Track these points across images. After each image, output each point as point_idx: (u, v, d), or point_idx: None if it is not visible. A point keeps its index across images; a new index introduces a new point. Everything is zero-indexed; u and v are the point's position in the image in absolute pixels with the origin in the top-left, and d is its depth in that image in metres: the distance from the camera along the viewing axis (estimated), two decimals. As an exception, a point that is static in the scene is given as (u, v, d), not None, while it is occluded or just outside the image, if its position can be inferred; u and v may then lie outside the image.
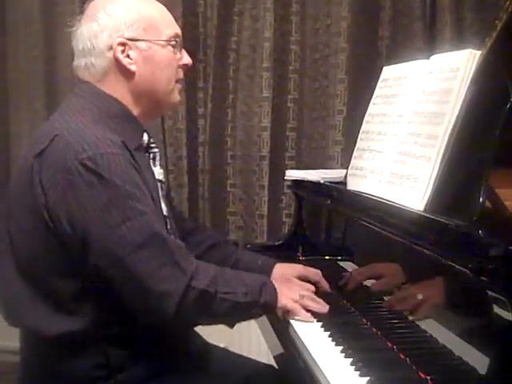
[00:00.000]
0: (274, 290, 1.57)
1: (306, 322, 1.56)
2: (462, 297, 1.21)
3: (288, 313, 1.58)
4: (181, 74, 1.64)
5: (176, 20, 1.65)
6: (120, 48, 1.52)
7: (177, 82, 1.62)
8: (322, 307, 1.60)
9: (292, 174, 2.21)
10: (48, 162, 1.40)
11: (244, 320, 1.59)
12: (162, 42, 1.56)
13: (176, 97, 1.63)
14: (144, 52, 1.54)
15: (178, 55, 1.61)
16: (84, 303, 1.44)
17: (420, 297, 1.39)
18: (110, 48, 1.52)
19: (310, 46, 2.80)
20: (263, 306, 1.54)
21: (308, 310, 1.58)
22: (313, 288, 1.68)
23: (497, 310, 1.06)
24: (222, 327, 1.55)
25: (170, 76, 1.59)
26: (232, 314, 1.52)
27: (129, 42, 1.52)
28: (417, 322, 1.40)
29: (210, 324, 1.56)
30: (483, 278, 1.09)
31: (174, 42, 1.58)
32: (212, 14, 2.83)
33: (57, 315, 1.45)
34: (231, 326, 1.57)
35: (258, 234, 2.81)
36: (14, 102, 3.03)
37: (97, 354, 1.47)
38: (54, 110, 2.79)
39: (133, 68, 1.53)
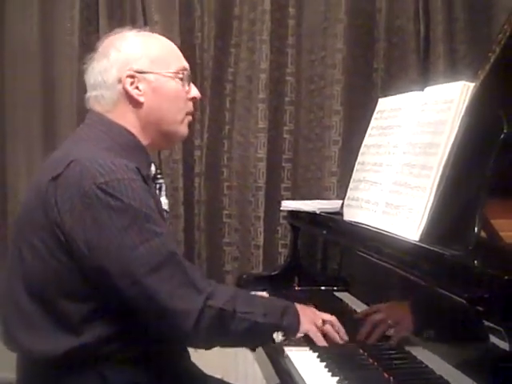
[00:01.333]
0: (297, 314, 1.57)
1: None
2: (459, 327, 1.21)
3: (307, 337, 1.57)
4: (191, 107, 1.66)
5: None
6: (129, 80, 1.55)
7: (187, 114, 1.64)
8: (343, 336, 1.60)
9: (288, 205, 2.22)
10: (64, 186, 1.42)
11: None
12: (170, 74, 1.59)
13: (185, 129, 1.65)
14: (152, 84, 1.57)
15: (187, 88, 1.63)
16: (90, 324, 1.45)
17: (416, 327, 1.39)
18: (120, 81, 1.56)
19: (306, 78, 2.84)
20: (285, 330, 1.55)
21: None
22: (334, 317, 1.64)
23: (493, 339, 1.06)
24: (218, 357, 1.54)
25: (178, 107, 1.62)
26: (252, 335, 1.53)
27: (137, 75, 1.56)
28: (413, 353, 1.40)
29: (230, 346, 1.59)
30: (479, 308, 1.09)
31: (181, 75, 1.61)
32: (209, 46, 2.86)
33: (62, 334, 1.45)
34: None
35: (253, 265, 2.80)
36: (10, 131, 3.03)
37: (96, 374, 1.46)
38: (51, 140, 2.88)
39: (141, 99, 1.57)
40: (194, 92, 1.66)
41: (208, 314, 1.42)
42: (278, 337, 1.57)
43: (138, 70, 1.56)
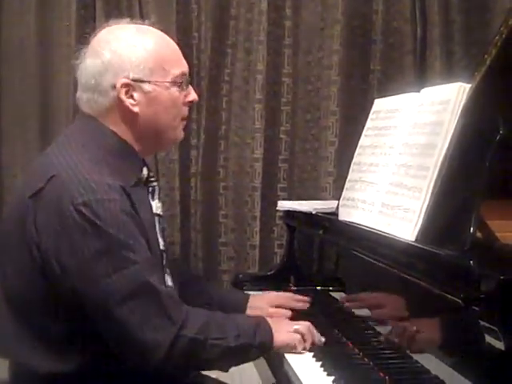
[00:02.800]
0: (269, 328, 1.54)
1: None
2: (454, 327, 1.22)
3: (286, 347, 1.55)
4: (185, 112, 1.61)
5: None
6: (124, 89, 1.49)
7: (182, 119, 1.60)
8: (319, 339, 1.58)
9: (284, 205, 2.22)
10: (43, 203, 1.39)
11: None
12: (167, 84, 1.52)
13: (180, 133, 1.61)
14: (148, 94, 1.51)
15: (185, 92, 1.57)
16: (74, 345, 1.43)
17: (412, 327, 1.39)
18: (114, 87, 1.49)
19: (302, 79, 2.84)
20: (259, 347, 1.51)
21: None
22: (308, 323, 1.62)
23: (489, 339, 1.06)
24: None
25: (173, 115, 1.56)
26: (224, 359, 1.50)
27: (133, 83, 1.49)
28: (408, 353, 1.40)
29: (205, 369, 1.58)
30: (475, 308, 1.10)
31: (180, 81, 1.55)
32: (206, 46, 2.86)
33: (48, 354, 1.44)
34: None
35: (249, 265, 2.80)
36: (7, 132, 3.03)
37: None
38: (48, 141, 2.86)
39: (135, 109, 1.51)
40: (192, 96, 1.60)
41: (180, 344, 1.40)
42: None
43: (135, 78, 1.49)
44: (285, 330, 1.56)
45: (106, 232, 1.36)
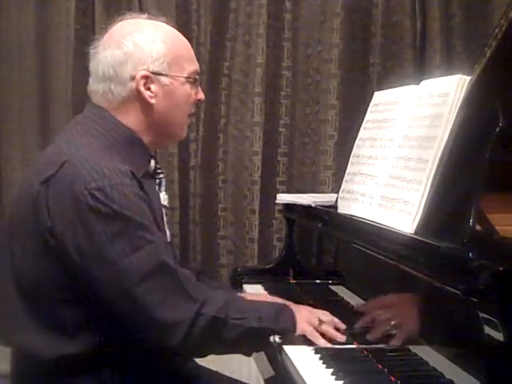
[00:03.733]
0: (292, 315, 1.53)
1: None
2: (453, 319, 1.22)
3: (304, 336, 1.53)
4: (193, 109, 1.64)
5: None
6: (143, 81, 1.51)
7: (188, 116, 1.63)
8: (341, 335, 1.54)
9: (283, 198, 2.22)
10: (56, 189, 1.39)
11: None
12: (183, 79, 1.56)
13: (185, 132, 1.64)
14: (166, 87, 1.53)
15: (195, 90, 1.60)
16: (84, 330, 1.43)
17: (410, 319, 1.39)
18: (133, 78, 1.51)
19: (302, 72, 2.84)
20: (281, 332, 1.50)
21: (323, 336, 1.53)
22: (331, 316, 1.59)
23: (488, 331, 1.06)
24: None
25: (184, 111, 1.60)
26: (247, 341, 1.49)
27: (152, 76, 1.51)
28: (407, 345, 1.40)
29: (224, 353, 1.54)
30: (474, 300, 1.09)
31: (194, 78, 1.58)
32: (205, 40, 2.86)
33: (55, 338, 1.43)
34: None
35: (248, 258, 2.81)
36: (5, 126, 3.02)
37: (91, 379, 1.45)
38: (47, 134, 2.87)
39: (152, 101, 1.53)
40: (200, 95, 1.63)
41: (200, 322, 1.40)
42: (274, 339, 1.52)
43: (154, 71, 1.51)
44: (307, 320, 1.54)
45: (121, 214, 1.37)
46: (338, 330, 1.55)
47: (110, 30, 1.57)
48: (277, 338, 1.51)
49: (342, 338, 1.53)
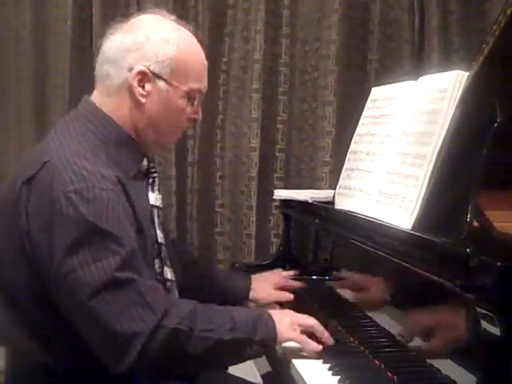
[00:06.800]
0: (272, 323, 1.44)
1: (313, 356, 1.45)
2: (450, 314, 1.22)
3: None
4: (186, 126, 1.61)
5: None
6: (138, 76, 1.48)
7: (179, 130, 1.61)
8: (327, 340, 1.49)
9: (280, 194, 2.22)
10: (35, 190, 1.38)
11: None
12: (181, 92, 1.51)
13: (170, 144, 1.67)
14: (160, 92, 1.50)
15: (193, 108, 1.56)
16: (62, 338, 1.40)
17: (408, 315, 1.39)
18: (130, 70, 1.48)
19: (300, 68, 2.83)
20: (260, 343, 1.42)
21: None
22: (314, 321, 1.52)
23: (485, 326, 1.06)
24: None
25: (175, 124, 1.56)
26: (217, 355, 1.40)
27: (150, 75, 1.48)
28: (404, 341, 1.41)
29: (193, 369, 1.47)
30: (471, 295, 1.10)
31: (194, 96, 1.54)
32: (203, 35, 2.84)
33: (36, 342, 1.42)
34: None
35: (245, 254, 2.80)
36: (1, 120, 3.02)
37: None
38: (43, 129, 2.86)
39: (142, 100, 1.49)
40: (198, 115, 1.59)
41: (160, 335, 1.32)
42: (280, 349, 1.47)
43: (155, 71, 1.48)
44: (291, 327, 1.47)
45: (88, 221, 1.33)
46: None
47: (133, 18, 1.55)
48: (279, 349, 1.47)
49: (327, 343, 1.48)
